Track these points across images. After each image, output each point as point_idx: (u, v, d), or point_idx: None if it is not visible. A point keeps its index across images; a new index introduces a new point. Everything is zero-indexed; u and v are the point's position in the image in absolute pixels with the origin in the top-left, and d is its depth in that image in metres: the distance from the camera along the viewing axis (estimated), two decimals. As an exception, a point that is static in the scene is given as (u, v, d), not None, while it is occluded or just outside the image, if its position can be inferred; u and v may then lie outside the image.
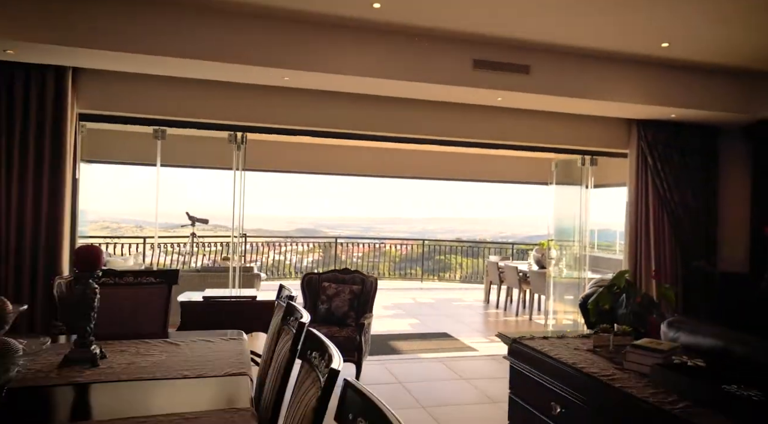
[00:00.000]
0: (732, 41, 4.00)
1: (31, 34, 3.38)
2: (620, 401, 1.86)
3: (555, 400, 2.20)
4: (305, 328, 1.69)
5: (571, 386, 2.12)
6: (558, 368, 2.22)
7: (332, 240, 11.66)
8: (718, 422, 1.57)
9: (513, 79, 4.25)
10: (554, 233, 7.23)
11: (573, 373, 2.13)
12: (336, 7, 3.58)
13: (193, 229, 8.30)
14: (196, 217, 8.27)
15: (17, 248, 3.81)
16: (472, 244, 12.97)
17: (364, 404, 1.03)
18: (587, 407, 2.02)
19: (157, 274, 2.89)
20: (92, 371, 1.98)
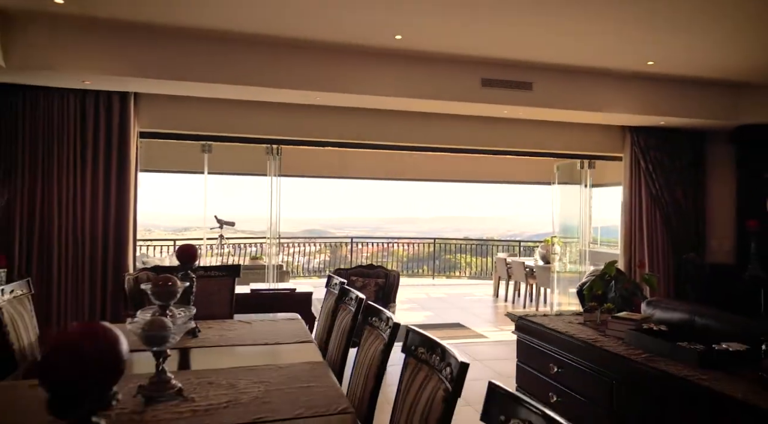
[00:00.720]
0: (712, 57, 4.52)
1: (106, 68, 4.00)
2: (601, 357, 2.44)
3: (552, 362, 2.78)
4: (364, 302, 2.29)
5: (564, 349, 2.70)
6: (555, 336, 2.79)
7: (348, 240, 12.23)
8: (669, 366, 2.14)
9: (517, 95, 4.82)
10: (559, 231, 7.78)
11: (566, 339, 2.70)
12: (365, 39, 4.18)
13: (221, 231, 8.92)
14: (224, 220, 8.89)
15: (91, 246, 4.43)
16: (480, 242, 13.49)
17: (421, 338, 1.62)
18: (577, 365, 2.60)
19: (223, 268, 3.49)
20: (194, 340, 2.58)
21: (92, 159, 4.45)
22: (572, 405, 2.60)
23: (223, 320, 3.13)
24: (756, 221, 5.62)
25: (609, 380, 2.37)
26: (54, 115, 4.35)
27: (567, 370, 2.67)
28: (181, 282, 1.87)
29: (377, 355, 1.91)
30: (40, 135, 4.33)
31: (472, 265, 12.68)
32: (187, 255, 2.63)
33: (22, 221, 4.28)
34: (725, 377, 1.98)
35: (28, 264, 4.27)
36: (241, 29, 4.01)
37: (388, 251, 12.38)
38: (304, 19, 3.76)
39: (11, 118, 4.26)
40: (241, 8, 3.60)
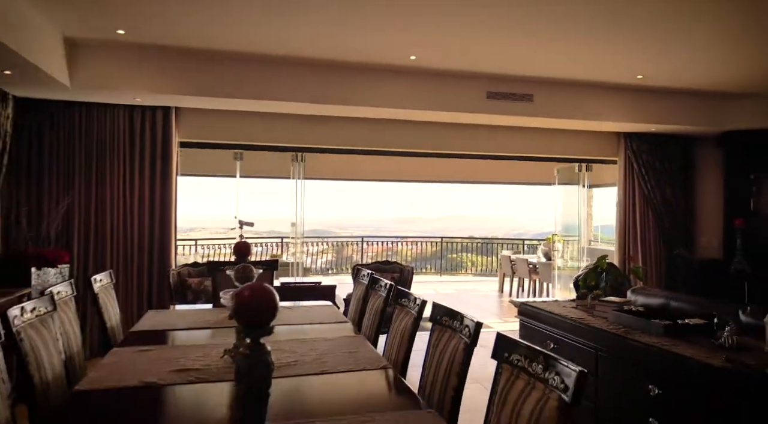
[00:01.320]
0: (697, 71, 4.98)
1: (154, 87, 4.54)
2: (588, 332, 2.95)
3: (549, 339, 3.28)
4: (394, 288, 2.80)
5: (559, 328, 3.21)
6: (551, 317, 3.30)
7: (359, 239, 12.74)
8: (642, 336, 2.64)
9: (519, 106, 5.33)
10: (561, 229, 8.26)
11: (560, 319, 3.21)
12: (383, 59, 4.70)
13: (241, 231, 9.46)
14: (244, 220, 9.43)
15: (139, 243, 4.97)
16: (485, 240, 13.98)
17: (445, 309, 2.14)
18: (569, 341, 3.11)
19: (264, 263, 4.02)
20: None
21: (139, 166, 4.99)
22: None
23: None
24: (742, 219, 6.11)
25: (594, 351, 2.88)
26: (106, 128, 4.90)
27: (561, 345, 3.18)
28: (255, 269, 2.40)
29: (408, 326, 2.43)
30: (95, 145, 4.87)
31: (477, 264, 13.10)
32: (243, 251, 3.15)
33: (80, 223, 4.82)
34: (684, 344, 2.48)
35: (86, 260, 4.82)
36: (271, 52, 4.53)
37: (392, 251, 12.59)
38: (333, 41, 4.27)
39: (70, 131, 4.81)
40: (277, 33, 4.13)
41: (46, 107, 4.74)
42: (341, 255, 12.45)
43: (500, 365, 1.64)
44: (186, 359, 2.27)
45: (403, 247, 13.13)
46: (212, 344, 2.54)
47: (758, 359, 2.21)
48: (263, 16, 3.72)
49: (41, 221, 4.64)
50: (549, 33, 3.99)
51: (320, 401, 1.89)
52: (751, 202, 6.27)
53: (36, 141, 4.74)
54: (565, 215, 8.12)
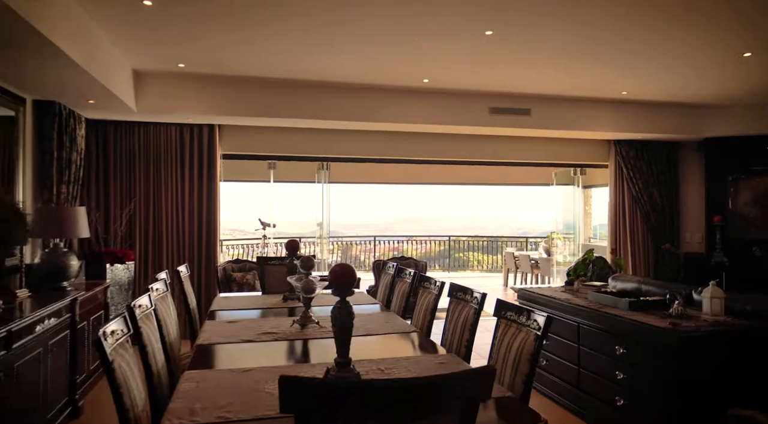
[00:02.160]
0: (675, 86, 5.67)
1: (202, 109, 5.31)
2: (572, 309, 3.68)
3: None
4: (418, 274, 3.55)
5: (550, 307, 3.94)
6: (544, 299, 4.04)
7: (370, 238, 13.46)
8: (612, 310, 3.37)
9: (518, 119, 6.07)
10: (562, 228, 8.99)
11: (551, 300, 3.95)
12: (399, 82, 5.45)
13: (264, 232, 10.23)
14: (266, 222, 10.20)
15: (189, 242, 5.75)
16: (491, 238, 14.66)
17: (459, 287, 2.89)
18: (558, 317, 3.84)
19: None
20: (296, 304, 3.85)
21: (188, 176, 5.77)
22: (556, 345, 3.85)
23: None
24: (720, 216, 6.83)
25: (576, 324, 3.62)
26: (161, 143, 5.68)
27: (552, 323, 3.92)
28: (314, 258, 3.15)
29: (431, 301, 3.18)
30: (152, 158, 5.65)
31: (483, 262, 13.72)
32: (293, 246, 3.91)
33: (141, 226, 5.61)
34: (643, 314, 3.22)
35: (146, 258, 5.60)
36: (302, 77, 5.30)
37: (398, 250, 12.83)
38: (357, 69, 5.03)
39: (131, 146, 5.60)
40: (308, 64, 4.89)
41: (111, 126, 5.53)
42: (347, 254, 12.96)
43: (499, 320, 2.39)
44: (264, 327, 3.02)
45: (409, 246, 13.57)
46: (278, 318, 3.30)
47: (693, 323, 2.95)
48: (298, 52, 4.48)
49: (109, 225, 5.43)
50: (544, 57, 4.72)
51: (368, 351, 2.63)
52: (729, 201, 6.98)
53: (103, 156, 5.53)
54: (565, 215, 8.85)
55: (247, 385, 2.01)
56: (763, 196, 6.89)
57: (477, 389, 1.33)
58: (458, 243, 14.14)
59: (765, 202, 6.89)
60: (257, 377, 2.10)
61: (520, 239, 14.01)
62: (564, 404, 3.76)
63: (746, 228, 6.91)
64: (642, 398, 3.03)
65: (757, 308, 3.12)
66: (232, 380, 2.06)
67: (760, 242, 6.81)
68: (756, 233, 6.86)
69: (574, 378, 3.65)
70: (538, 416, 1.74)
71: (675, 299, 3.22)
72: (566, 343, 3.74)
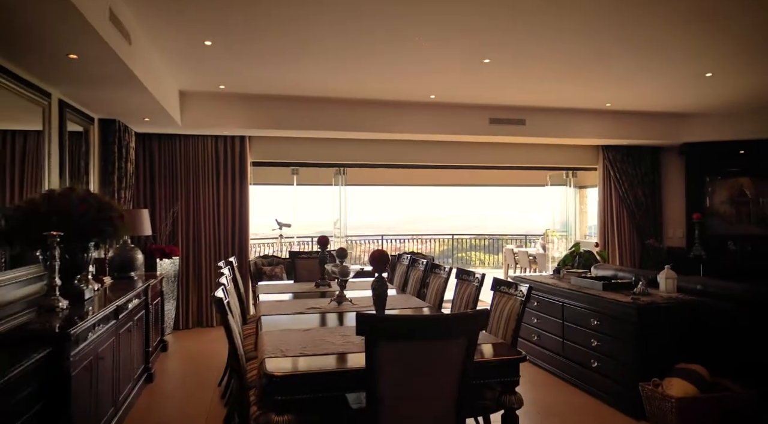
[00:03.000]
0: (654, 98, 6.40)
1: (235, 124, 6.08)
2: (557, 291, 4.43)
3: (535, 299, 4.77)
4: (430, 263, 4.30)
5: (540, 291, 4.68)
6: (536, 284, 4.79)
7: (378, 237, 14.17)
8: (589, 291, 4.12)
9: (515, 129, 6.81)
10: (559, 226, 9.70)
11: (541, 285, 4.69)
12: (409, 98, 6.21)
13: (281, 231, 10.99)
14: (283, 222, 10.95)
15: (224, 240, 6.51)
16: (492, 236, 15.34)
17: (464, 271, 3.65)
18: (546, 299, 4.59)
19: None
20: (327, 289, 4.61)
21: (223, 181, 6.53)
22: (545, 322, 4.60)
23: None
24: (699, 214, 7.56)
25: (561, 303, 4.37)
26: (199, 153, 6.45)
27: (541, 303, 4.67)
28: (345, 249, 3.90)
29: (441, 284, 3.94)
30: (191, 166, 6.42)
31: (486, 262, 14.36)
32: (324, 242, 4.66)
33: (182, 226, 6.37)
34: (613, 293, 3.95)
35: (188, 254, 6.37)
36: (322, 94, 6.05)
37: (402, 250, 13.10)
38: (373, 86, 5.78)
39: (173, 156, 6.36)
40: (327, 82, 5.65)
41: (156, 139, 6.30)
42: (351, 253, 13.56)
43: (495, 292, 3.14)
44: (307, 304, 3.77)
45: (413, 245, 14.19)
46: (315, 298, 4.04)
47: (650, 298, 3.69)
48: (324, 75, 5.24)
49: (155, 225, 6.19)
50: (535, 76, 5.47)
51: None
52: (707, 200, 7.72)
53: (149, 164, 6.30)
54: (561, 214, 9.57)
55: (310, 338, 2.76)
56: (737, 196, 7.63)
57: (476, 324, 2.09)
58: (461, 242, 14.82)
59: (739, 201, 7.64)
60: (314, 335, 2.85)
61: (519, 237, 14.73)
62: (552, 371, 4.51)
63: (722, 225, 7.65)
64: (610, 358, 3.77)
65: (705, 287, 3.86)
66: (297, 336, 2.81)
67: (734, 237, 7.55)
68: (730, 229, 7.60)
69: (559, 349, 4.40)
70: (520, 353, 2.49)
71: (639, 281, 3.96)
72: (553, 320, 4.49)
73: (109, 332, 3.18)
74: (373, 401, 2.03)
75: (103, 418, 3.02)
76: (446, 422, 2.12)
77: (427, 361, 2.04)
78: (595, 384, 3.94)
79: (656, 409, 3.36)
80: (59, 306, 2.90)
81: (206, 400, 3.96)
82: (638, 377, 3.52)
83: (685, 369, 3.42)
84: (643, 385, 3.46)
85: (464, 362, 2.08)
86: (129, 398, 3.65)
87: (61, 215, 3.00)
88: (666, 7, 3.54)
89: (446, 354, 2.06)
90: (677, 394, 3.24)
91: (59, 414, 2.38)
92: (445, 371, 2.07)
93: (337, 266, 3.73)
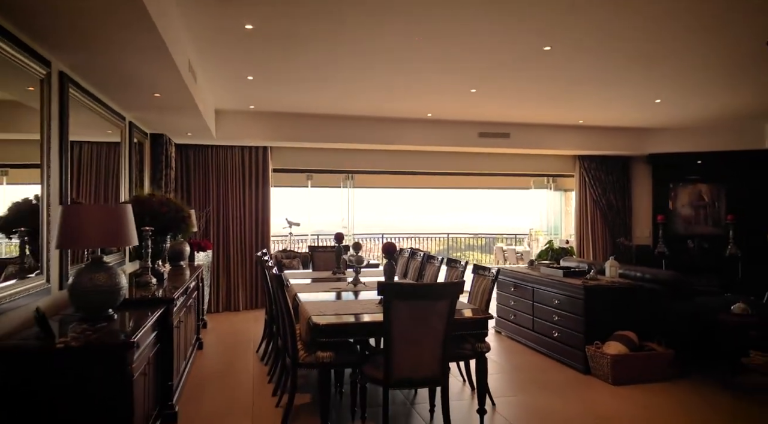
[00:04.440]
0: (622, 115, 7.46)
1: (260, 137, 7.11)
2: (531, 278, 5.48)
3: (513, 285, 5.81)
4: (426, 254, 5.34)
5: (515, 278, 5.73)
6: (512, 272, 5.83)
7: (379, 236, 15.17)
8: (551, 277, 5.16)
9: (500, 141, 7.86)
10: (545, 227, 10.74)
11: (516, 273, 5.74)
12: (408, 115, 7.25)
13: (291, 230, 12.01)
14: (293, 221, 11.97)
15: (249, 237, 7.54)
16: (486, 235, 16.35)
17: (453, 260, 4.69)
18: (520, 284, 5.63)
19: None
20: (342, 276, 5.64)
21: (248, 185, 7.56)
22: (519, 303, 5.64)
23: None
24: (663, 215, 8.61)
25: (532, 288, 5.42)
26: (228, 161, 7.48)
27: (517, 288, 5.72)
28: (360, 243, 4.93)
29: (435, 271, 4.98)
30: (221, 172, 7.45)
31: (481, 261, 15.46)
32: (340, 237, 5.68)
33: (214, 224, 7.40)
34: (572, 278, 4.99)
35: (218, 247, 7.40)
36: (334, 112, 7.09)
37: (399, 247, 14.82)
38: (380, 106, 6.82)
39: (206, 163, 7.39)
40: (340, 103, 6.69)
41: (192, 149, 7.32)
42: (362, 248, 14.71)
43: (474, 276, 4.18)
44: (330, 286, 4.80)
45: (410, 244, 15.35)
46: (335, 282, 5.06)
47: (596, 282, 4.74)
48: (339, 96, 6.27)
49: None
50: (516, 100, 6.51)
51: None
52: (670, 203, 8.78)
53: (185, 171, 7.32)
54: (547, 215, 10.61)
55: (338, 305, 3.79)
56: (696, 200, 8.70)
57: (456, 289, 3.13)
58: (457, 242, 15.87)
59: (697, 204, 8.71)
60: (340, 303, 3.88)
61: (510, 236, 15.77)
62: (525, 343, 5.56)
63: (683, 225, 8.72)
64: (567, 329, 4.82)
65: (643, 275, 4.91)
66: (328, 304, 3.84)
67: (693, 236, 8.61)
68: (690, 229, 8.66)
69: (530, 324, 5.44)
70: (488, 314, 3.53)
71: (591, 269, 5.01)
72: (526, 301, 5.54)
73: (184, 303, 4.21)
74: (388, 342, 3.07)
75: (182, 365, 4.06)
76: (436, 357, 3.16)
77: (424, 314, 3.08)
78: (556, 350, 4.99)
79: (597, 364, 4.41)
80: (151, 282, 3.93)
81: (249, 360, 5.00)
82: (585, 341, 4.57)
83: (621, 335, 4.46)
84: (589, 347, 4.51)
85: (448, 316, 3.12)
86: (191, 357, 4.68)
87: (151, 214, 4.03)
88: (622, 51, 4.58)
89: (437, 310, 3.10)
90: (612, 353, 4.29)
91: (169, 353, 3.42)
92: (436, 321, 3.11)
93: (353, 256, 4.77)
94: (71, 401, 2.30)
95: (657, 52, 4.51)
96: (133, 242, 2.93)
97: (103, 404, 2.35)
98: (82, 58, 3.24)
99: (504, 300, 6.02)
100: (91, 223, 2.74)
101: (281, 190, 8.29)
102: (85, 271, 2.80)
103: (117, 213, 2.84)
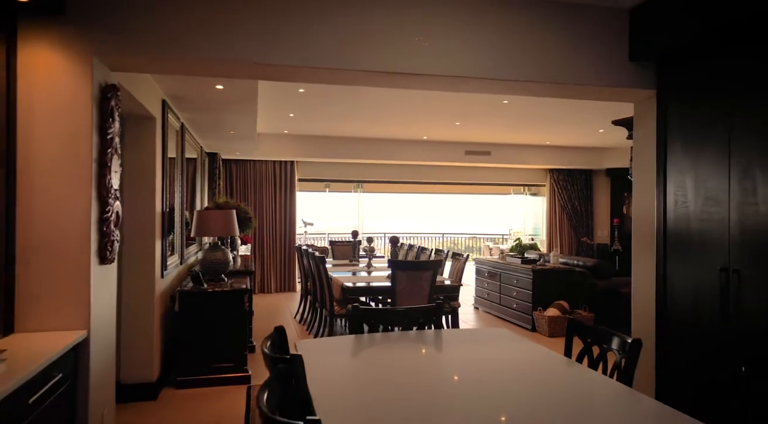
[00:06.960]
0: (584, 138, 9.27)
1: (288, 153, 8.94)
2: (499, 266, 7.30)
3: (488, 274, 7.63)
4: (419, 247, 7.15)
5: (490, 267, 7.55)
6: (487, 261, 7.65)
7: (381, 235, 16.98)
8: (515, 265, 6.96)
9: (483, 158, 9.68)
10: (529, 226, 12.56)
11: (491, 262, 7.55)
12: (408, 137, 9.08)
13: (305, 229, 13.82)
14: (307, 221, 13.78)
15: (279, 232, 9.36)
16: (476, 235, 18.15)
17: (438, 250, 6.52)
18: (492, 270, 7.45)
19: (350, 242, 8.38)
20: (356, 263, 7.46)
21: (279, 192, 9.38)
22: (491, 285, 7.46)
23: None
24: (618, 219, 10.43)
25: (499, 273, 7.24)
26: (262, 172, 9.30)
27: (490, 274, 7.53)
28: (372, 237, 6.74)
29: (425, 258, 6.80)
30: (257, 182, 9.27)
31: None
32: (355, 233, 7.49)
33: (251, 223, 9.23)
34: (526, 265, 6.80)
35: (255, 242, 9.23)
36: (350, 135, 8.92)
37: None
38: (383, 130, 8.65)
39: (244, 174, 9.22)
40: (348, 127, 8.52)
41: (234, 163, 9.15)
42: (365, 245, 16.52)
43: (452, 260, 6.00)
44: (351, 268, 6.60)
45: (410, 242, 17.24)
46: (352, 267, 6.85)
47: (542, 267, 6.56)
48: (352, 123, 8.10)
49: (234, 222, 9.03)
50: (495, 128, 8.34)
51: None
52: (624, 208, 10.60)
53: (229, 181, 9.15)
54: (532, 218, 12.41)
55: (356, 278, 5.61)
56: (645, 206, 10.50)
57: (437, 265, 4.96)
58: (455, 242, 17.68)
59: (646, 210, 10.51)
60: (358, 277, 5.69)
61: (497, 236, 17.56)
62: (495, 314, 7.37)
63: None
64: (521, 301, 6.63)
65: (576, 262, 6.73)
66: (349, 278, 5.64)
67: (642, 236, 10.42)
68: (640, 230, 10.47)
69: (498, 300, 7.26)
70: (460, 282, 5.36)
71: (541, 258, 6.84)
72: (495, 283, 7.35)
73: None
74: (393, 297, 4.89)
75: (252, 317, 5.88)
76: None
77: (416, 280, 4.89)
78: (514, 316, 6.81)
79: (540, 324, 6.23)
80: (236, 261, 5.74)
81: (290, 322, 6.82)
82: (533, 308, 6.39)
83: (557, 303, 6.28)
84: (535, 312, 6.32)
85: (431, 281, 4.93)
86: (250, 318, 6.49)
87: (230, 216, 5.84)
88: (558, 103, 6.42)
89: (424, 277, 4.91)
90: (550, 315, 6.11)
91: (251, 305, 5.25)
92: (424, 284, 4.92)
93: (367, 247, 6.59)
94: (219, 317, 4.14)
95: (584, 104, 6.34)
96: (236, 233, 4.75)
97: (235, 321, 4.18)
98: (196, 116, 5.07)
99: (481, 283, 7.85)
100: (213, 221, 4.57)
101: (304, 194, 10.11)
102: (209, 250, 4.63)
103: (227, 215, 4.67)
